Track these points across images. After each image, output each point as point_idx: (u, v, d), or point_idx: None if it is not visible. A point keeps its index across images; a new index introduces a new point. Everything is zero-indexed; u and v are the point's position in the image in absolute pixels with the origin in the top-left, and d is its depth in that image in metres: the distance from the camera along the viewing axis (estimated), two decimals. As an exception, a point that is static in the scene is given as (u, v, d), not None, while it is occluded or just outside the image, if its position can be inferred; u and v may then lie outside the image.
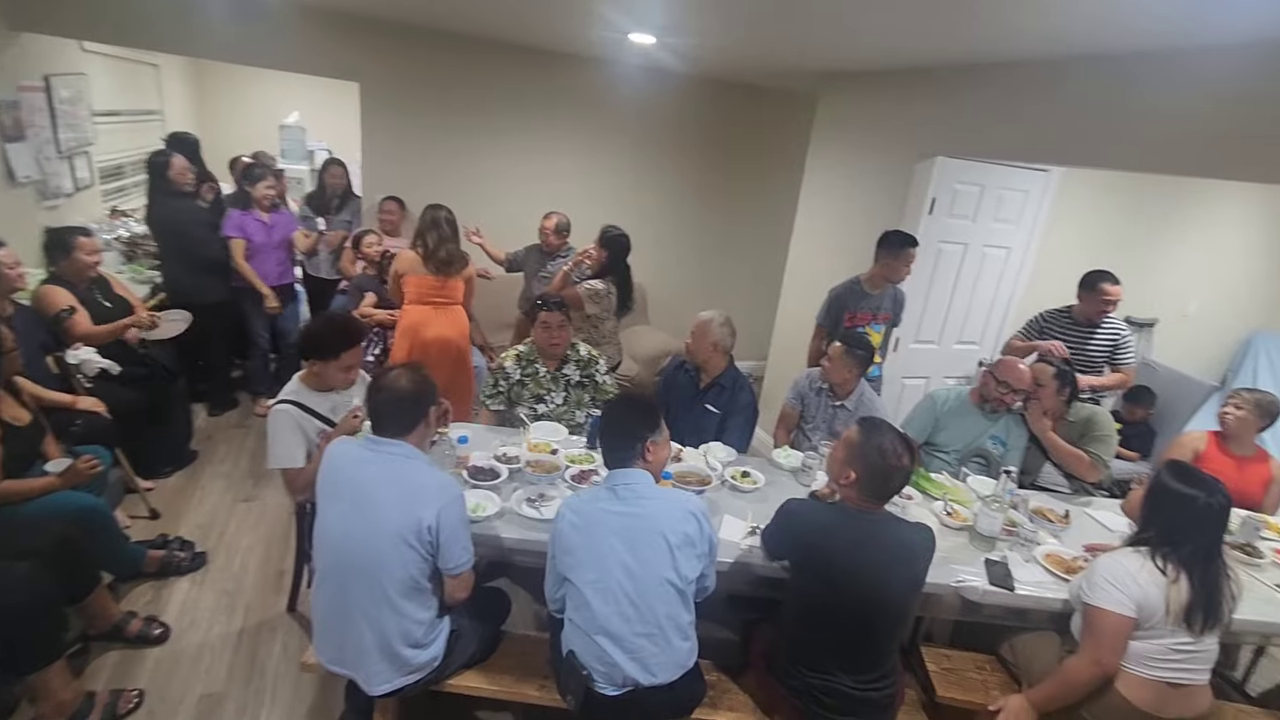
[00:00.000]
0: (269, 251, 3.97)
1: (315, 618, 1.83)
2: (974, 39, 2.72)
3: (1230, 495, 1.81)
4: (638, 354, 4.71)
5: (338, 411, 2.36)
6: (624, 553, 1.67)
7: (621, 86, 4.84)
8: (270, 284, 3.97)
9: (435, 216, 3.30)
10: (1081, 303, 3.28)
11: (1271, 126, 2.15)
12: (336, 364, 2.28)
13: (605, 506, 1.73)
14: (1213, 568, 1.78)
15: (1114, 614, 1.77)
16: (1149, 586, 1.76)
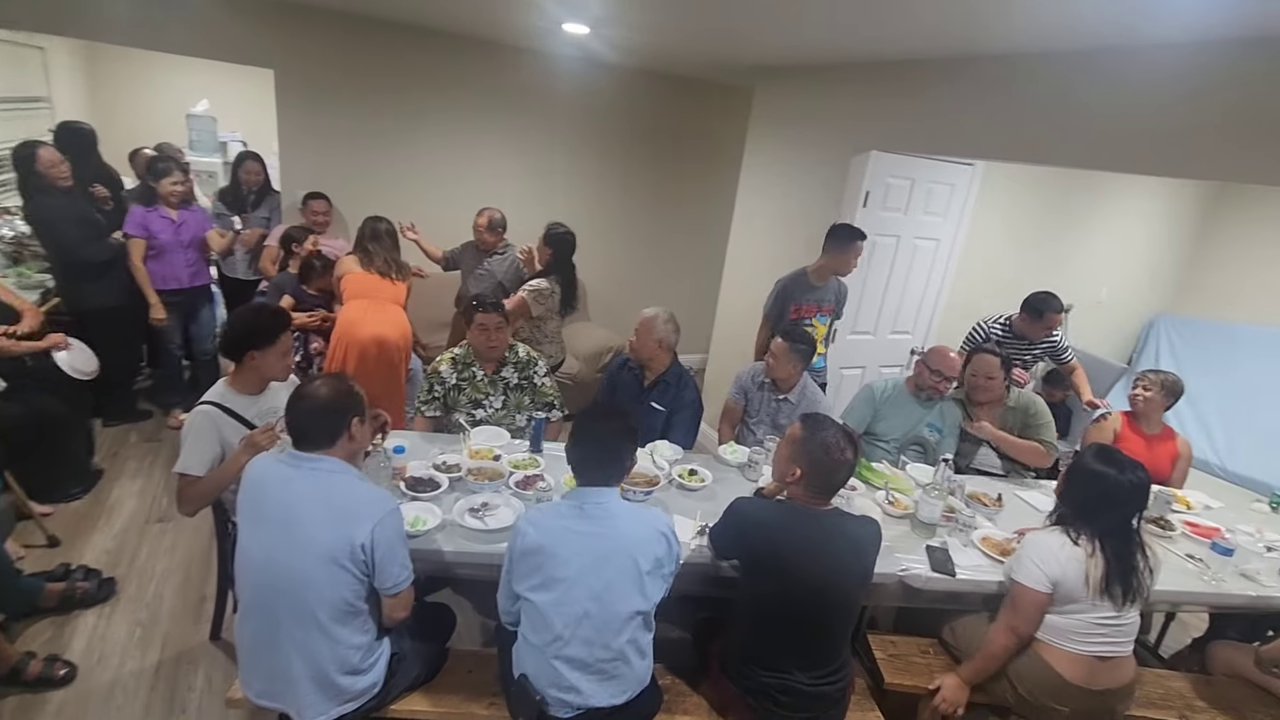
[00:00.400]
0: (177, 251, 3.67)
1: (241, 649, 1.70)
2: (904, 36, 2.77)
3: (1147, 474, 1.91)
4: (579, 351, 4.63)
5: (264, 419, 2.21)
6: (591, 577, 1.60)
7: (558, 78, 4.73)
8: (181, 286, 3.70)
9: (375, 229, 3.38)
10: (1024, 323, 3.34)
11: (1198, 124, 2.27)
12: (275, 349, 2.16)
13: (571, 525, 1.64)
14: (1127, 542, 1.87)
15: (1031, 589, 1.87)
16: (1069, 563, 1.84)
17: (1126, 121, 2.45)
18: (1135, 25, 2.18)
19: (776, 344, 2.91)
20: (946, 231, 4.06)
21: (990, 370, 2.90)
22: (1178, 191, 5.12)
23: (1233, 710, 2.12)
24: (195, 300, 3.84)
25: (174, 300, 3.69)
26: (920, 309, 4.21)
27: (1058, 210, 4.66)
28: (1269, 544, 2.61)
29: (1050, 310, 3.28)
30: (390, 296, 3.35)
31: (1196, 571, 2.36)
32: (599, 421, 1.72)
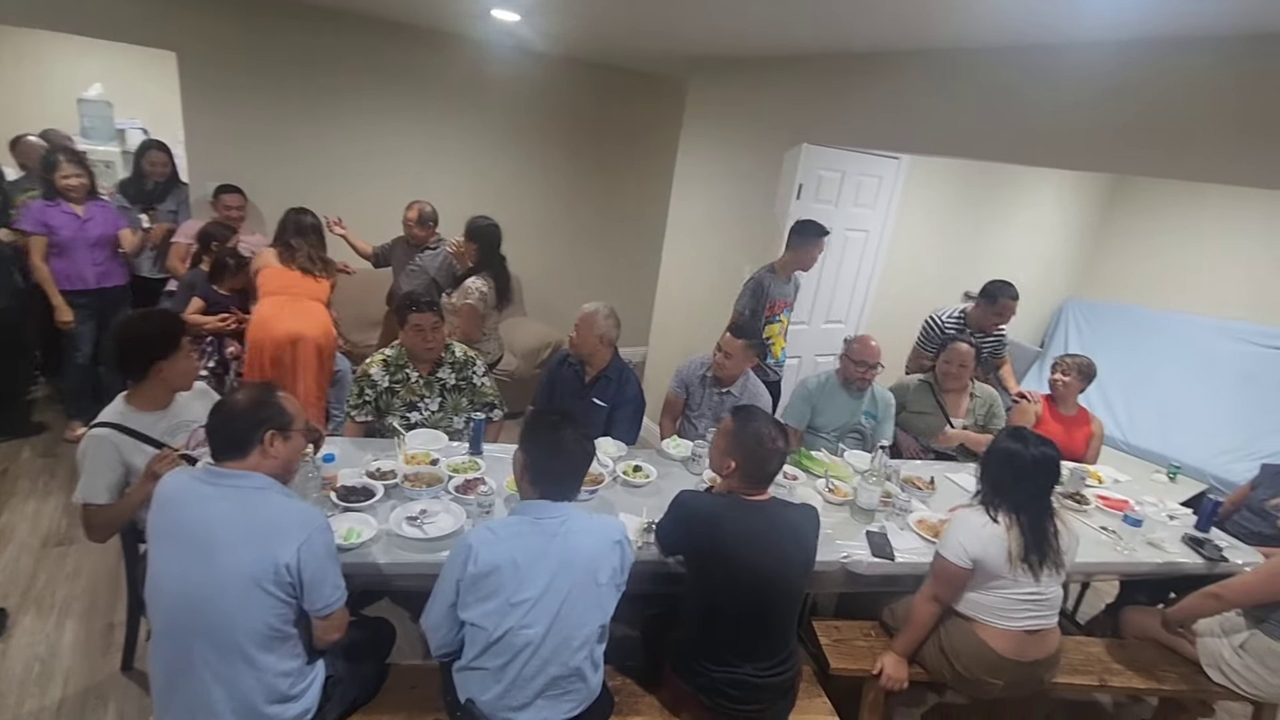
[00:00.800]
0: (82, 249, 3.37)
1: (155, 680, 1.55)
2: (834, 31, 2.81)
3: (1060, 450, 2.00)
4: (516, 347, 4.54)
5: (175, 434, 2.05)
6: (549, 596, 1.54)
7: (489, 66, 4.59)
8: (88, 287, 3.40)
9: (300, 222, 3.21)
10: (979, 310, 3.44)
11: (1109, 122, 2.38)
12: (180, 354, 2.01)
13: (528, 543, 1.57)
14: (1041, 514, 1.96)
15: (952, 563, 1.95)
16: (990, 541, 1.92)
17: (1046, 118, 2.56)
18: (1054, 25, 2.28)
19: (731, 341, 2.89)
20: (875, 223, 4.18)
21: (964, 359, 3.08)
22: (1082, 184, 5.44)
23: (1145, 671, 2.27)
24: (107, 302, 3.52)
25: (81, 302, 3.39)
26: (852, 299, 4.32)
27: (977, 203, 4.87)
28: (1170, 513, 2.81)
29: (1005, 296, 3.38)
30: (309, 293, 3.19)
31: (1110, 542, 2.51)
32: (567, 432, 1.63)
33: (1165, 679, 2.25)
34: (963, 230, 4.79)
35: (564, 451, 1.62)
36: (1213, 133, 2.16)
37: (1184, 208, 5.22)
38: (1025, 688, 2.06)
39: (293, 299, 3.12)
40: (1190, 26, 2.09)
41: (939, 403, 3.20)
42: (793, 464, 2.77)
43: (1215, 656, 2.21)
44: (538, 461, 1.64)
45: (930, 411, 3.21)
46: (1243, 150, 2.12)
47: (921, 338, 3.60)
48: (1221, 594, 2.14)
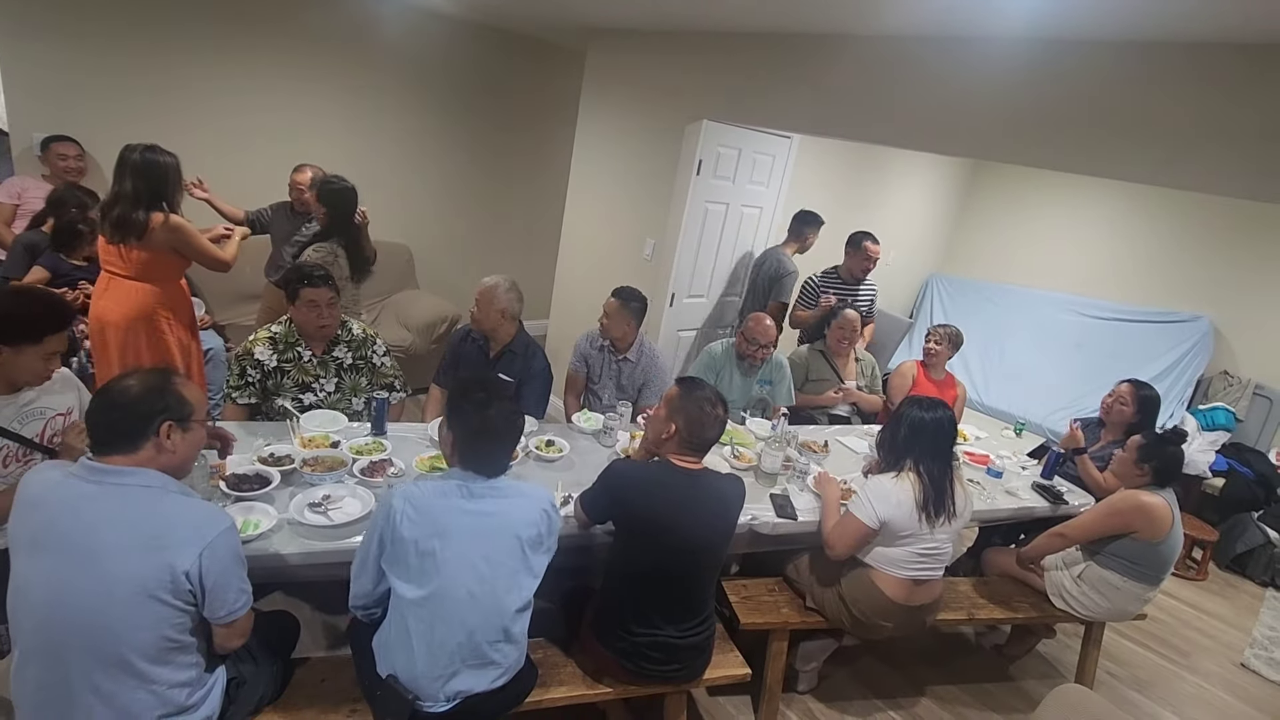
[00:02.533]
0: None
1: (20, 703, 1.37)
2: (733, 9, 2.86)
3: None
4: (411, 322, 4.34)
5: (25, 422, 1.79)
6: (477, 559, 1.53)
7: (381, 24, 4.28)
8: None
9: (124, 160, 2.47)
10: (847, 259, 3.83)
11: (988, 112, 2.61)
12: (37, 350, 1.71)
13: (455, 504, 1.55)
14: (943, 470, 2.16)
15: (861, 521, 2.13)
16: (901, 503, 2.09)
17: (925, 106, 2.76)
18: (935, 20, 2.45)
19: (610, 303, 2.93)
20: (768, 200, 4.34)
21: (854, 325, 3.40)
22: (947, 170, 5.93)
23: (1004, 603, 2.59)
24: None
25: None
26: (746, 273, 4.48)
27: (859, 184, 5.18)
28: (1022, 464, 3.19)
29: (866, 240, 3.78)
30: (122, 267, 2.56)
31: (976, 493, 2.82)
32: (495, 409, 1.60)
33: (1019, 609, 2.58)
34: (845, 209, 5.08)
35: (493, 430, 1.60)
36: (1066, 127, 2.44)
37: (1031, 193, 5.84)
38: (911, 629, 2.29)
39: (109, 278, 2.59)
40: (1057, 29, 2.32)
41: (833, 367, 3.47)
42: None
43: (1058, 586, 2.56)
44: (465, 440, 1.60)
45: (828, 378, 3.52)
46: (1089, 143, 2.40)
47: (800, 295, 3.98)
48: (1065, 532, 2.48)
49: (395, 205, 4.81)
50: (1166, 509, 2.37)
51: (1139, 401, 2.93)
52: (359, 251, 3.14)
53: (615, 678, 1.91)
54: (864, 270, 3.85)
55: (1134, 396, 2.94)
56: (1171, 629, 3.35)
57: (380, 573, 1.56)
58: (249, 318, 3.83)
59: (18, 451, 1.77)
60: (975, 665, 2.87)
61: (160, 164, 2.48)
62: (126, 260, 2.53)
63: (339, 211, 3.07)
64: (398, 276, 4.71)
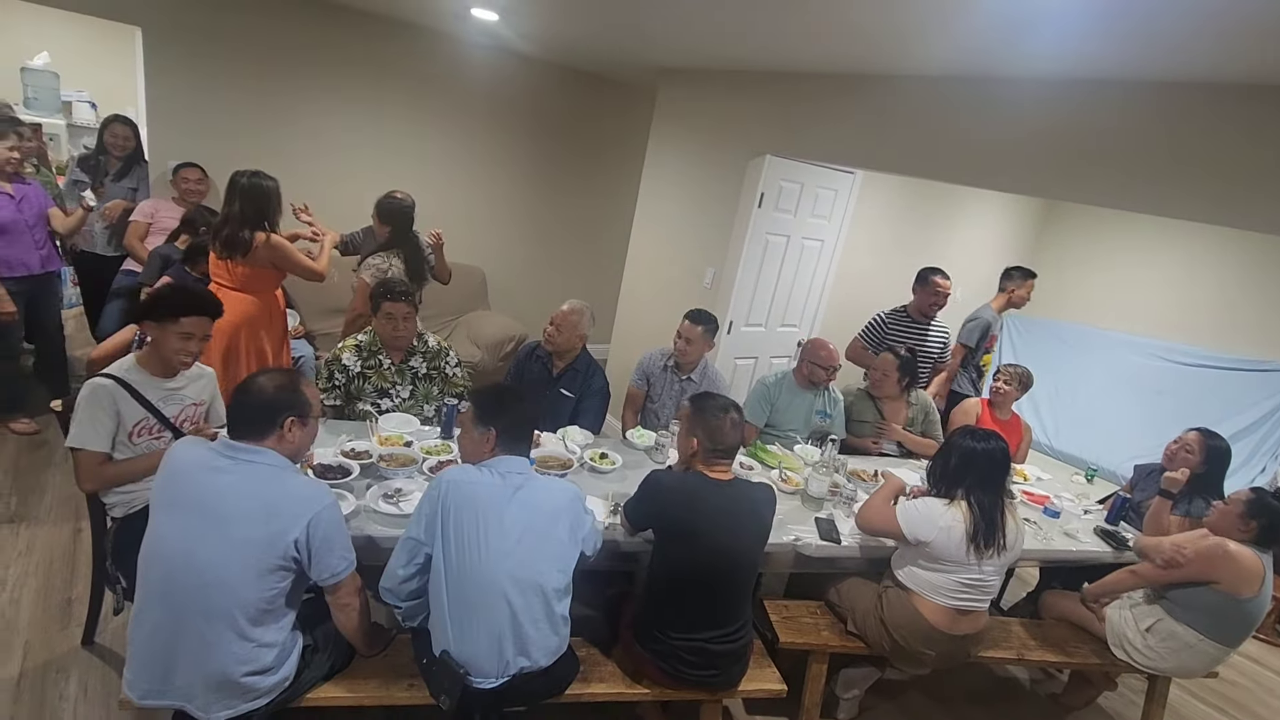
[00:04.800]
0: (23, 232, 3.16)
1: (134, 643, 1.59)
2: (796, 49, 3.00)
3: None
4: (481, 340, 4.59)
5: (167, 404, 2.08)
6: (515, 542, 1.67)
7: (465, 63, 4.65)
8: (32, 272, 3.23)
9: (234, 183, 2.74)
10: (915, 297, 3.73)
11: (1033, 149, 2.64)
12: (175, 328, 2.00)
13: (496, 490, 1.70)
14: (994, 502, 2.16)
15: (896, 522, 2.19)
16: (951, 527, 2.10)
17: (989, 144, 2.81)
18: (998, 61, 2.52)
19: (692, 329, 3.05)
20: (830, 233, 4.41)
21: (886, 368, 3.27)
22: (1018, 207, 5.84)
23: (1057, 646, 2.51)
24: (43, 287, 3.37)
25: (19, 289, 3.20)
26: (806, 304, 4.54)
27: (923, 220, 5.18)
28: (1086, 508, 3.10)
29: (933, 274, 3.67)
30: (232, 281, 2.82)
31: (1031, 532, 2.76)
32: (516, 393, 1.84)
33: (1075, 653, 2.50)
34: (909, 245, 5.07)
35: (529, 420, 1.82)
36: (1137, 166, 2.43)
37: (1107, 232, 5.67)
38: (954, 659, 2.27)
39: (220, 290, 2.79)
40: (1113, 70, 2.35)
41: (878, 410, 3.39)
42: (748, 455, 2.94)
43: (1120, 635, 2.47)
44: (508, 430, 1.78)
45: (869, 420, 3.39)
46: (1163, 183, 2.38)
47: (863, 331, 3.89)
48: (1141, 572, 2.41)
49: (472, 230, 5.15)
50: (1259, 563, 2.26)
51: (1207, 451, 2.80)
52: (415, 262, 3.37)
53: (653, 680, 1.99)
54: (932, 306, 3.71)
55: (1202, 446, 2.81)
56: (1250, 694, 3.14)
57: (411, 556, 1.70)
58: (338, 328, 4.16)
59: (153, 426, 2.05)
60: (1028, 712, 2.77)
61: (264, 188, 2.75)
62: (232, 274, 2.83)
63: (395, 225, 3.35)
64: (471, 297, 5.01)
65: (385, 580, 1.77)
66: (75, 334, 4.37)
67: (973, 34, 2.22)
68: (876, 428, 3.36)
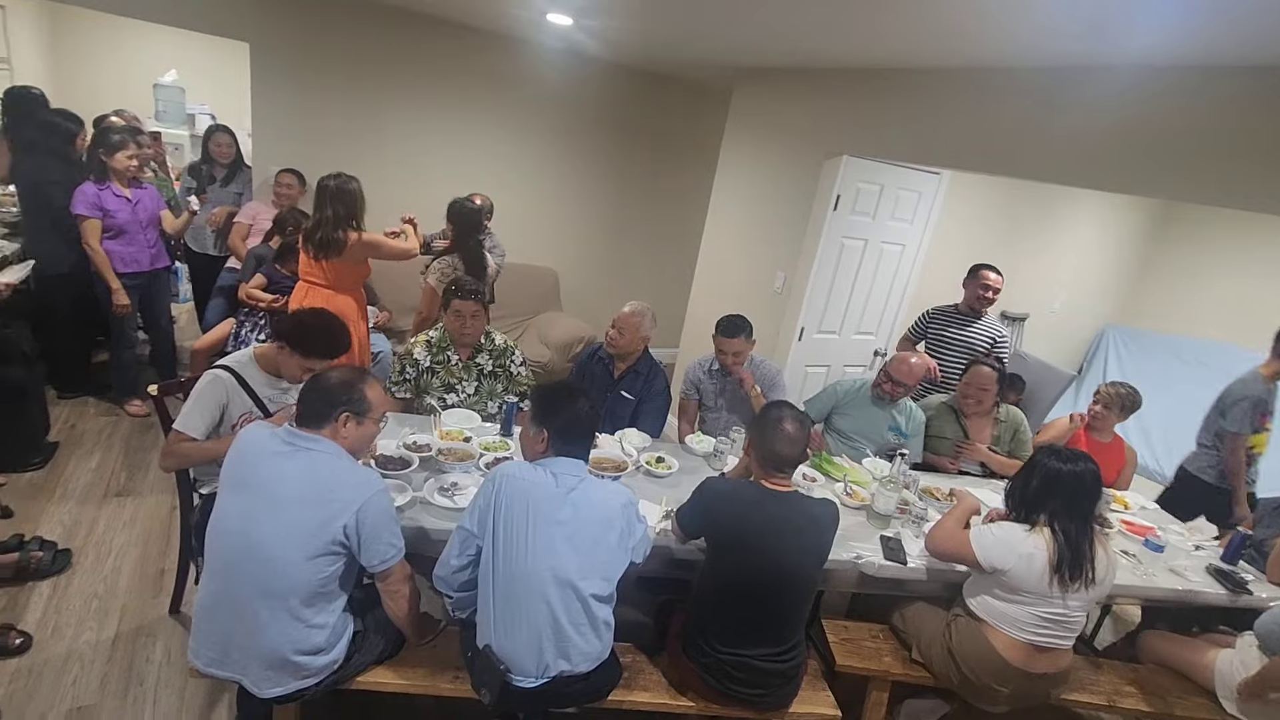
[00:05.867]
0: (138, 232, 3.46)
1: (197, 614, 1.69)
2: (879, 45, 2.86)
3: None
4: (551, 340, 4.66)
5: (273, 401, 2.21)
6: (561, 544, 1.65)
7: (541, 68, 4.74)
8: (143, 269, 3.53)
9: (323, 188, 2.90)
10: (965, 291, 3.58)
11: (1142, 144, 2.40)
12: (300, 361, 2.12)
13: (548, 490, 1.69)
14: (1081, 531, 1.96)
15: (970, 547, 2.02)
16: (1034, 560, 1.92)
17: (1088, 139, 2.57)
18: (1096, 47, 2.30)
19: (731, 342, 2.92)
20: (912, 237, 4.19)
21: (985, 382, 3.01)
22: (1129, 208, 5.36)
23: (1157, 696, 2.25)
24: (155, 283, 3.68)
25: (134, 284, 3.50)
26: (885, 311, 4.33)
27: (1016, 221, 4.85)
28: (1198, 544, 2.78)
29: (982, 268, 3.47)
30: (324, 279, 3.00)
31: (1129, 566, 2.50)
32: (579, 397, 1.79)
33: (1177, 705, 2.24)
34: (1000, 250, 4.76)
35: (581, 420, 1.77)
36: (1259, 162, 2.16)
37: (1230, 238, 5.11)
38: (1031, 699, 2.08)
39: (310, 288, 3.02)
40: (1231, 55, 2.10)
41: (961, 427, 3.15)
42: (813, 466, 2.82)
43: (1230, 689, 2.19)
44: (561, 431, 1.75)
45: (951, 436, 3.15)
46: None
47: (910, 333, 3.72)
48: None
49: (546, 232, 5.25)
50: None
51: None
52: (474, 266, 3.47)
53: (698, 693, 1.93)
54: (980, 300, 3.49)
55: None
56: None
57: (463, 547, 1.71)
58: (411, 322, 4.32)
59: (255, 419, 2.17)
60: (1119, 765, 2.51)
61: (350, 190, 2.92)
62: (324, 272, 3.00)
63: (462, 227, 3.47)
64: (543, 298, 5.10)
65: (439, 568, 1.80)
66: (187, 326, 4.76)
67: (1078, 18, 2.03)
68: (957, 446, 3.12)
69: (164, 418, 2.27)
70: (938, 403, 3.27)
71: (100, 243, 3.33)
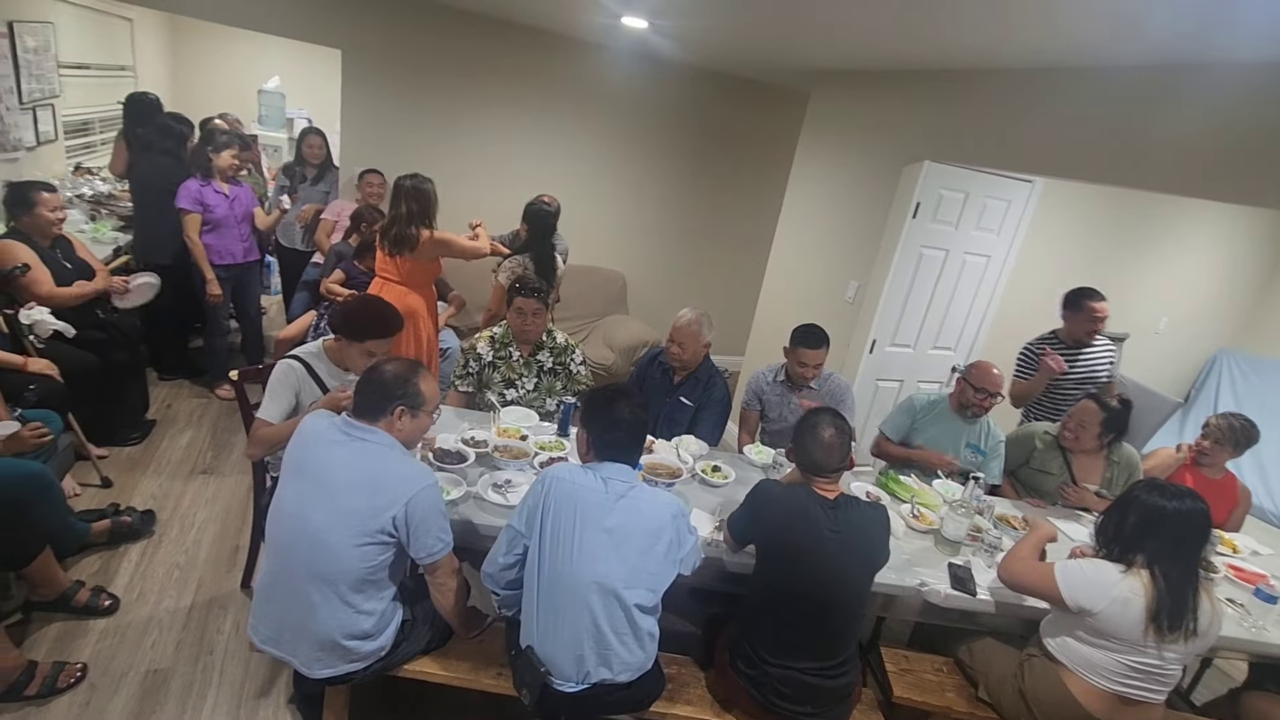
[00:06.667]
0: (232, 226, 3.70)
1: (256, 593, 1.76)
2: (967, 45, 2.71)
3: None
4: (614, 343, 4.67)
5: None
6: (608, 551, 1.63)
7: (613, 71, 4.77)
8: (235, 261, 3.77)
9: (399, 186, 3.00)
10: (1067, 324, 3.25)
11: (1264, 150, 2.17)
12: (360, 347, 2.20)
13: (596, 495, 1.66)
14: (1183, 574, 1.77)
15: (1054, 581, 1.85)
16: (1129, 604, 1.74)
17: (1204, 144, 2.34)
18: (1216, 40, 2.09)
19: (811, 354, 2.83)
20: (999, 249, 3.96)
21: (1085, 418, 2.75)
22: (1249, 221, 4.88)
23: (1262, 763, 2.02)
24: (246, 275, 3.91)
25: (227, 275, 3.73)
26: (965, 326, 4.11)
27: (1117, 234, 4.50)
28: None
29: (1089, 298, 3.16)
30: (398, 275, 3.09)
31: (1236, 617, 2.26)
32: (622, 404, 1.74)
33: (1288, 777, 2.00)
34: (1097, 264, 4.43)
35: (621, 423, 1.72)
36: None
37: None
38: (1112, 753, 1.89)
39: (384, 284, 3.10)
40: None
41: (1067, 464, 2.88)
42: (879, 485, 2.69)
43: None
44: (600, 435, 1.73)
45: (1055, 474, 2.89)
46: None
47: (1018, 370, 3.37)
48: None
49: (614, 235, 5.27)
50: None
51: None
52: (545, 266, 3.50)
53: (744, 709, 1.86)
54: (1088, 334, 3.21)
55: None
56: None
57: (511, 546, 1.71)
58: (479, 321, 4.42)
59: None
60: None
61: (424, 190, 3.00)
62: (398, 269, 3.10)
63: (536, 227, 3.51)
64: (610, 301, 5.11)
65: (487, 565, 1.80)
66: (275, 317, 5.04)
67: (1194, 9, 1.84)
68: (1061, 490, 2.85)
69: (243, 402, 2.40)
70: (1041, 432, 3.00)
71: (199, 236, 3.57)
